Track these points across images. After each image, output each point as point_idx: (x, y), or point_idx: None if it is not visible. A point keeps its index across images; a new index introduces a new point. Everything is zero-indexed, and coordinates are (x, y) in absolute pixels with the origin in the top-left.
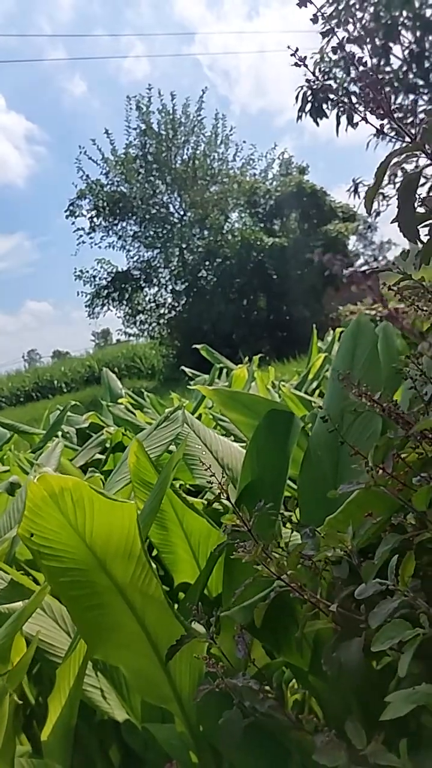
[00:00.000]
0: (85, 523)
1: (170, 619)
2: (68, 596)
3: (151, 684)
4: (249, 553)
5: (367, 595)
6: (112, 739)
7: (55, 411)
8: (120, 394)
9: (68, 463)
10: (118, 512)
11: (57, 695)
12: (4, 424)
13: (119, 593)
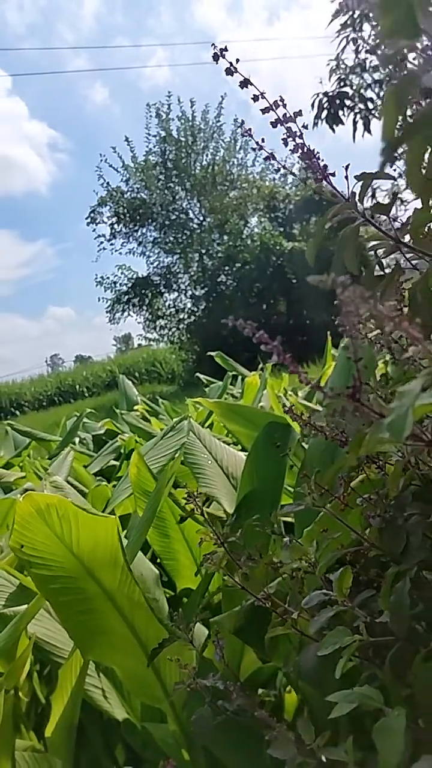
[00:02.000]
0: (71, 535)
1: (156, 624)
2: (58, 601)
3: (143, 685)
4: (214, 564)
5: (312, 604)
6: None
7: (73, 418)
8: (136, 401)
9: (82, 470)
10: (101, 525)
11: (60, 694)
12: (22, 431)
13: (108, 599)
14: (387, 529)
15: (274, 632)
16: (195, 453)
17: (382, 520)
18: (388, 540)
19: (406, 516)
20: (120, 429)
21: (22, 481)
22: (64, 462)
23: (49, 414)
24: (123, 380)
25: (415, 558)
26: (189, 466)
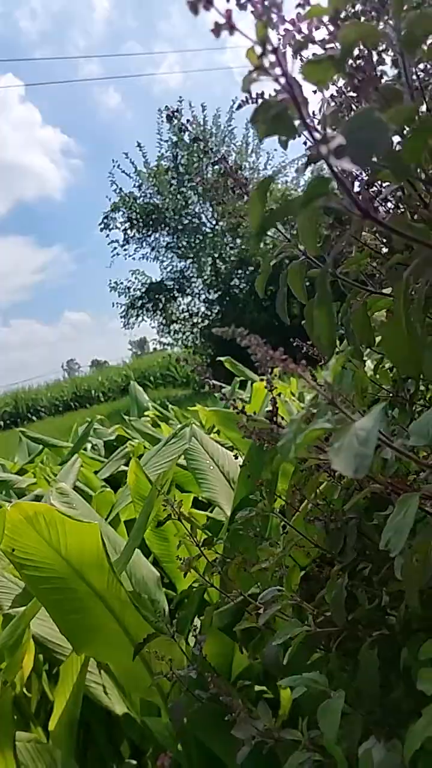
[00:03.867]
0: (59, 540)
1: (143, 622)
2: (49, 600)
3: (136, 679)
4: (186, 564)
5: (267, 599)
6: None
7: (85, 424)
8: (147, 407)
9: (91, 475)
10: (87, 531)
11: (61, 689)
12: (34, 438)
13: (98, 598)
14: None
15: (241, 626)
16: (197, 459)
17: (324, 523)
18: (329, 541)
19: (345, 519)
20: (130, 435)
21: (34, 487)
22: (71, 469)
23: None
24: (134, 386)
25: (351, 556)
26: (192, 472)
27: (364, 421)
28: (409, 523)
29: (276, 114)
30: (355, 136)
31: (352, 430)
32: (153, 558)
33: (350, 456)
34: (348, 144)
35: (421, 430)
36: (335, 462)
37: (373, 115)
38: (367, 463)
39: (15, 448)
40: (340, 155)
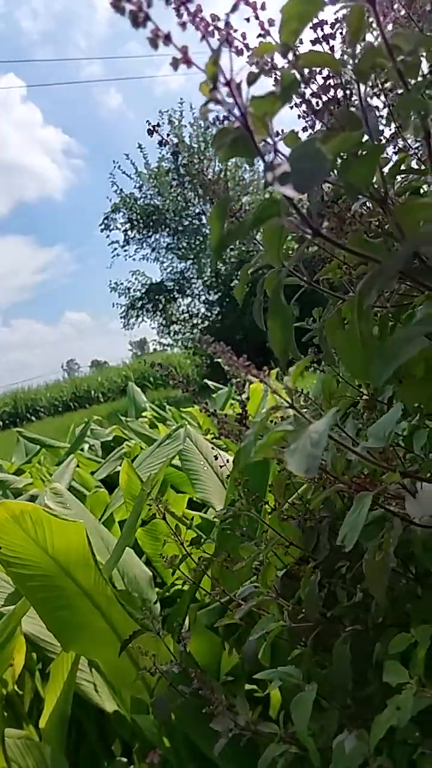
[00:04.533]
0: (45, 538)
1: (130, 619)
2: (36, 598)
3: (124, 676)
4: (169, 562)
5: (244, 595)
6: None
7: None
8: (144, 408)
9: (87, 476)
10: (73, 530)
11: (52, 687)
12: (31, 439)
13: (85, 596)
14: (303, 530)
15: (221, 622)
16: (191, 459)
17: (299, 522)
18: (304, 539)
19: (318, 518)
20: (127, 435)
21: (30, 487)
22: (66, 469)
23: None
24: (132, 387)
25: (323, 554)
26: (186, 472)
27: (318, 424)
28: (362, 520)
29: (234, 139)
30: (297, 165)
31: (306, 433)
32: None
33: (303, 457)
34: (291, 172)
35: (378, 433)
36: (289, 462)
37: (314, 146)
38: (316, 463)
39: (13, 448)
40: (284, 182)
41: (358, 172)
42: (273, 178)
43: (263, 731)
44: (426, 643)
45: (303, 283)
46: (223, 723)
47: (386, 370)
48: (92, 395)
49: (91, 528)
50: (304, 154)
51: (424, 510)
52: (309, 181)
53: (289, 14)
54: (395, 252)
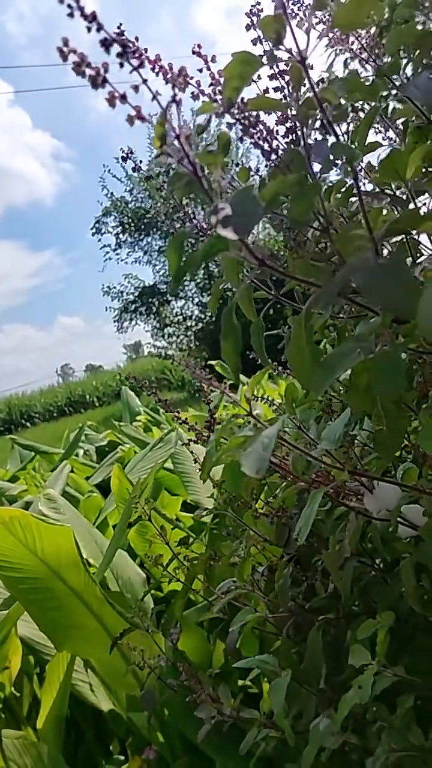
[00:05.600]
0: (35, 542)
1: (120, 618)
2: (28, 600)
3: (117, 674)
4: (154, 562)
5: (224, 590)
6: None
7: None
8: (138, 412)
9: (82, 481)
10: (61, 534)
11: (48, 688)
12: (25, 446)
13: (77, 597)
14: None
15: (205, 616)
16: (184, 462)
17: (271, 519)
18: (276, 535)
19: (290, 515)
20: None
21: (25, 494)
22: (60, 475)
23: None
24: (125, 392)
25: (293, 548)
26: (178, 475)
27: (269, 430)
28: (313, 515)
29: (187, 182)
30: (236, 209)
31: (259, 438)
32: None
33: (254, 459)
34: (231, 216)
35: (330, 436)
36: (243, 464)
37: (250, 193)
38: (265, 465)
39: (7, 455)
40: (226, 225)
41: (297, 208)
42: (216, 221)
43: (245, 717)
44: (387, 625)
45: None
46: (206, 711)
47: (325, 380)
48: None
49: (85, 532)
50: (242, 199)
51: (381, 505)
52: (246, 224)
53: (231, 74)
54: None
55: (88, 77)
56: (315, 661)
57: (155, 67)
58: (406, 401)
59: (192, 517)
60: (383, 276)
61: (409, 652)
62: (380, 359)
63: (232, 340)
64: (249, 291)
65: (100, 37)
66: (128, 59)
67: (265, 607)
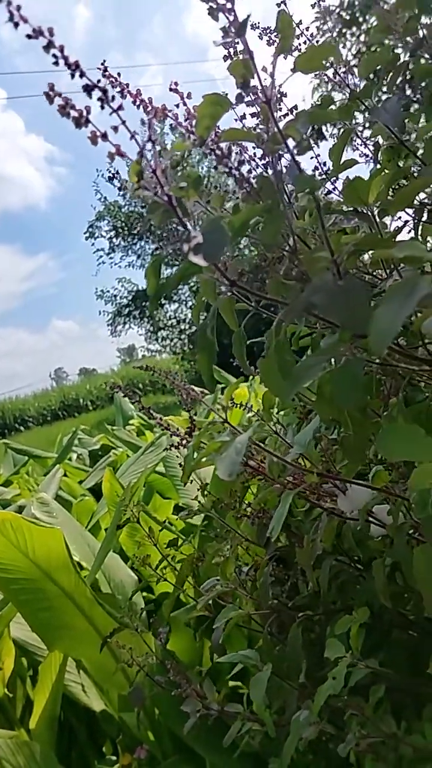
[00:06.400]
0: (26, 544)
1: (110, 618)
2: (19, 600)
3: (108, 673)
4: (142, 561)
5: (209, 587)
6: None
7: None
8: (131, 415)
9: (75, 485)
10: (51, 536)
11: (41, 689)
12: (18, 450)
13: (68, 598)
14: (257, 527)
15: (191, 615)
16: (175, 466)
17: (252, 520)
18: (257, 535)
19: (270, 516)
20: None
21: (18, 498)
22: (53, 479)
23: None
24: (119, 396)
25: (273, 548)
26: (170, 479)
27: (242, 436)
28: (284, 514)
29: (164, 210)
30: (206, 237)
31: (234, 443)
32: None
33: (228, 463)
34: (202, 243)
35: (301, 441)
36: (218, 468)
37: (219, 223)
38: (236, 468)
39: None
40: (197, 252)
41: (266, 232)
42: (188, 249)
43: (229, 711)
44: (361, 620)
45: (250, 308)
46: (191, 705)
47: (292, 389)
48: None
49: (77, 535)
50: (212, 229)
51: (353, 505)
52: (215, 251)
53: (202, 114)
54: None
55: (72, 119)
56: (295, 657)
57: (136, 101)
58: (373, 408)
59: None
60: (341, 296)
61: (386, 648)
62: (340, 372)
63: (206, 354)
64: (230, 303)
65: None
66: (108, 103)
67: (251, 604)
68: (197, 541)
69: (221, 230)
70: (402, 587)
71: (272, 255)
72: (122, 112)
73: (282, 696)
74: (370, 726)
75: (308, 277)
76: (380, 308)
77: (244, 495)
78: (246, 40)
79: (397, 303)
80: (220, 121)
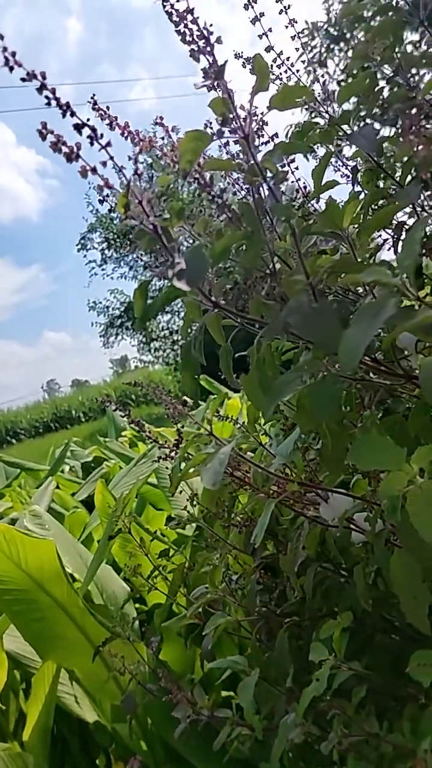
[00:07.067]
0: (18, 555)
1: (102, 628)
2: (12, 611)
3: (100, 683)
4: (133, 571)
5: (197, 595)
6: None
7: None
8: (124, 427)
9: (67, 497)
10: (44, 547)
11: (34, 701)
12: (9, 463)
13: (60, 608)
14: (245, 536)
15: (181, 622)
16: (167, 477)
17: (239, 529)
18: (245, 544)
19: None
20: (107, 456)
21: (11, 511)
22: (45, 491)
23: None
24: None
25: (260, 555)
26: (162, 490)
27: (225, 448)
28: (266, 522)
29: (149, 238)
30: (188, 264)
31: (218, 455)
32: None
33: (211, 473)
34: (185, 269)
35: (282, 452)
36: (203, 478)
37: (200, 251)
38: (219, 478)
39: None
40: (180, 278)
41: (246, 257)
42: (172, 274)
43: (219, 716)
44: (344, 625)
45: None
46: (182, 710)
47: (272, 403)
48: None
49: (69, 547)
50: (193, 256)
51: (335, 513)
52: (196, 277)
53: (185, 149)
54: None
55: (63, 154)
56: (283, 662)
57: (124, 133)
58: (352, 420)
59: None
60: (314, 318)
61: (369, 652)
62: (315, 387)
63: (190, 370)
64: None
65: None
66: (97, 140)
67: (240, 612)
68: (189, 551)
69: (202, 257)
70: (384, 592)
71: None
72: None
73: (271, 701)
74: (354, 726)
75: (287, 298)
76: (349, 329)
77: (233, 505)
78: (225, 82)
79: (365, 324)
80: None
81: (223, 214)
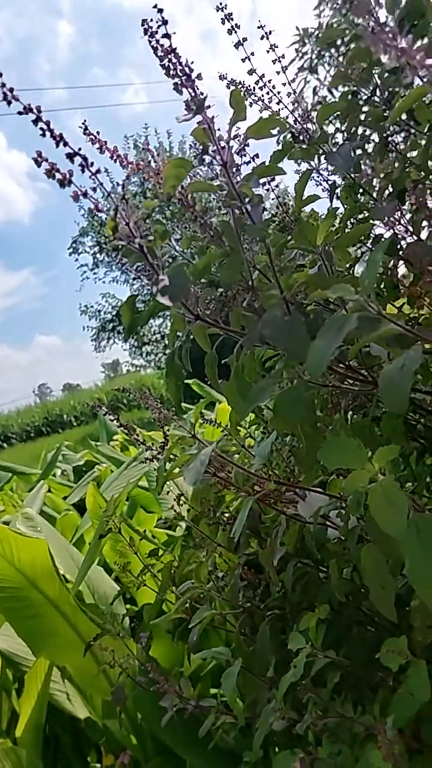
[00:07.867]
0: (12, 553)
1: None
2: (6, 608)
3: (91, 678)
4: (123, 568)
5: (184, 590)
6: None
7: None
8: (115, 431)
9: (59, 500)
10: (36, 546)
11: (26, 698)
12: (2, 467)
13: (53, 606)
14: (228, 533)
15: (168, 617)
16: None
17: (223, 527)
18: (228, 541)
19: None
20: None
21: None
22: (37, 494)
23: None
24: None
25: (243, 551)
26: (153, 493)
27: (207, 449)
28: (244, 518)
29: (136, 256)
30: (171, 281)
31: (199, 456)
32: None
33: (193, 473)
34: (168, 286)
35: (261, 453)
36: (185, 477)
37: (182, 269)
38: (200, 477)
39: None
40: (164, 294)
41: (226, 272)
42: (156, 290)
43: (204, 705)
44: (322, 616)
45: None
46: (169, 700)
47: (247, 408)
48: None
49: (61, 548)
50: (176, 274)
51: (312, 511)
52: (178, 293)
53: (168, 175)
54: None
55: (57, 180)
56: (264, 653)
57: (113, 156)
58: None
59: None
60: (285, 330)
61: (347, 643)
62: (286, 393)
63: (174, 379)
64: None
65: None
66: (88, 168)
67: (227, 607)
68: (178, 550)
69: (184, 275)
70: (360, 585)
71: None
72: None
73: (254, 691)
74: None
75: (264, 311)
76: (316, 340)
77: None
78: (205, 114)
79: (330, 336)
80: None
81: (204, 233)
